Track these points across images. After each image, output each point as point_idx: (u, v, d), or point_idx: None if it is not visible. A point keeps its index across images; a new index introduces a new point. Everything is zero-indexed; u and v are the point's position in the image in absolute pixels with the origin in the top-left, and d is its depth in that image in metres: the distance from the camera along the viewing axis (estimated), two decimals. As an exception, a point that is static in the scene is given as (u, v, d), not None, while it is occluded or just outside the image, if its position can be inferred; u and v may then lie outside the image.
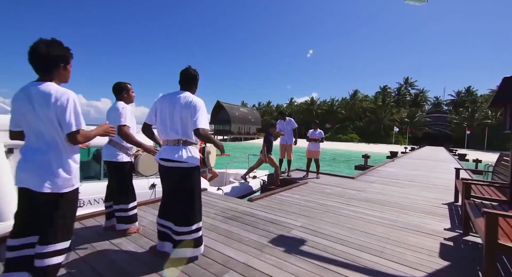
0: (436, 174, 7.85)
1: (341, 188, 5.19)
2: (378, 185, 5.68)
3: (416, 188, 5.52)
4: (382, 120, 48.55)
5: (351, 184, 5.67)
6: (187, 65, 2.10)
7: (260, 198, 4.01)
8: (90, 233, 2.48)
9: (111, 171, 2.47)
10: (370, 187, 5.35)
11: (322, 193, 4.63)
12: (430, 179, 6.79)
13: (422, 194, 4.89)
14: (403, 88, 61.98)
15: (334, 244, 2.45)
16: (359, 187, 5.30)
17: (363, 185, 5.55)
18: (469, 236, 2.80)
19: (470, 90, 58.02)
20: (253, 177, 6.51)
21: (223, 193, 5.08)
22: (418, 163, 11.18)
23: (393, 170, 8.49)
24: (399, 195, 4.74)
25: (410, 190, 5.21)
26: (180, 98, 1.96)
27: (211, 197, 4.06)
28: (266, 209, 3.49)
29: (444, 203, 4.26)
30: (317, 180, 6.01)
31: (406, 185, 5.77)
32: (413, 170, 8.62)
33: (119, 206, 2.39)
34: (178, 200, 1.98)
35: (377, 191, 5.02)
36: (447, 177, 7.26)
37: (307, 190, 4.83)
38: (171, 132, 1.96)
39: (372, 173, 7.44)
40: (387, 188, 5.39)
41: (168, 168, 1.96)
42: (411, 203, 4.16)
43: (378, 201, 4.18)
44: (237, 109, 57.88)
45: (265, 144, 5.71)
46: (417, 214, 3.57)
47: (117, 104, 2.41)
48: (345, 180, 6.09)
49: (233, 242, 2.41)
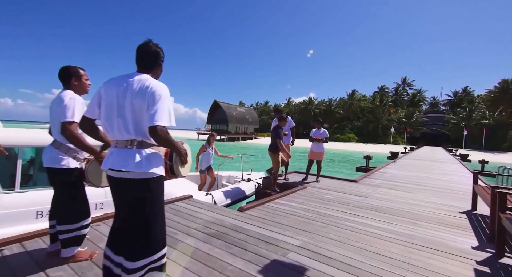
0: (442, 176, 7.39)
1: (343, 193, 4.67)
2: (383, 189, 5.17)
3: (425, 192, 5.03)
4: (380, 120, 48.31)
5: (354, 188, 5.16)
6: (147, 39, 1.55)
7: (252, 207, 3.47)
8: (25, 260, 1.91)
9: (54, 180, 1.91)
10: (376, 192, 4.85)
11: (323, 200, 4.10)
12: (437, 182, 6.30)
13: (432, 200, 4.39)
14: (400, 88, 61.90)
15: (342, 274, 1.91)
16: (363, 192, 4.78)
17: (368, 190, 5.04)
18: (504, 257, 2.29)
19: (467, 90, 58.13)
20: (247, 180, 5.97)
21: (212, 199, 4.54)
22: (420, 164, 10.73)
23: (396, 171, 8.01)
24: (409, 201, 4.23)
25: (418, 195, 4.71)
26: (133, 82, 1.41)
27: (195, 205, 3.51)
28: (258, 222, 2.95)
29: (460, 212, 3.76)
30: (317, 184, 5.49)
31: (414, 189, 5.28)
32: (416, 172, 8.15)
33: (62, 227, 1.84)
34: (132, 224, 1.43)
35: (383, 196, 4.52)
36: (454, 180, 6.80)
37: (306, 196, 4.30)
38: (119, 130, 1.41)
39: (375, 176, 6.94)
40: (393, 193, 4.88)
41: (118, 179, 1.41)
42: (424, 212, 3.65)
43: (387, 210, 3.66)
44: (234, 109, 57.25)
45: (278, 139, 5.04)
46: (435, 226, 3.06)
47: (63, 94, 1.84)
48: (347, 184, 5.57)
49: (212, 272, 1.86)
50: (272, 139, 5.12)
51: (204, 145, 5.61)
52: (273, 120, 5.90)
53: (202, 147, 5.59)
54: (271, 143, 5.13)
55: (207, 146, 5.61)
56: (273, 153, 5.05)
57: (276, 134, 5.02)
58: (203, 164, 5.58)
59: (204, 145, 5.61)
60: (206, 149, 5.58)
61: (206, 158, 5.57)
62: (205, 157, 5.56)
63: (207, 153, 5.59)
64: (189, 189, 4.77)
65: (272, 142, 5.11)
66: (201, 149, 5.58)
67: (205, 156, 5.57)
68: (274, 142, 5.07)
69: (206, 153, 5.58)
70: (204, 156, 5.56)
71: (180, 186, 4.68)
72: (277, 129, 5.03)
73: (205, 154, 5.57)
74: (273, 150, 5.06)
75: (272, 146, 5.09)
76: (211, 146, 5.69)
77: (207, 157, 5.59)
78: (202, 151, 5.57)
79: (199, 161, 5.58)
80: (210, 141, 5.68)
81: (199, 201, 3.75)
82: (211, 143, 5.69)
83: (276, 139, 5.00)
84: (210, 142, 5.68)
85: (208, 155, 5.60)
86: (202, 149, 5.57)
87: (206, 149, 5.58)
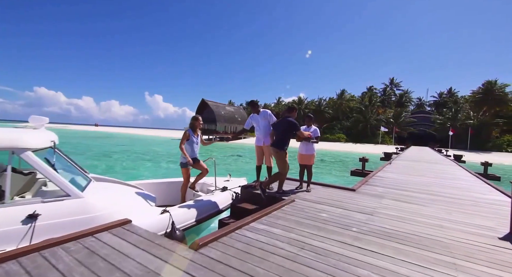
0: (447, 182, 6.53)
1: (341, 208, 3.62)
2: (389, 201, 4.17)
3: (440, 205, 4.07)
4: (369, 120, 48.36)
5: (353, 200, 4.13)
6: None
7: (212, 241, 2.33)
8: None
9: None
10: (381, 206, 3.83)
11: (317, 221, 3.02)
12: (447, 190, 5.40)
13: (455, 218, 3.42)
14: (388, 88, 62.52)
15: None
16: (366, 206, 3.75)
17: (370, 202, 4.02)
18: None
19: (451, 92, 59.43)
20: (222, 189, 4.83)
21: (169, 219, 3.37)
22: (417, 167, 9.94)
23: (395, 176, 7.10)
24: (428, 221, 3.23)
25: (436, 211, 3.74)
26: None
27: (128, 239, 2.32)
28: (217, 274, 1.81)
29: (501, 238, 2.78)
30: (308, 194, 4.43)
31: (425, 201, 4.31)
32: (418, 176, 7.28)
33: None
34: None
35: (393, 213, 3.49)
36: (463, 186, 5.93)
37: (294, 215, 3.21)
38: None
39: (374, 181, 5.97)
40: (403, 207, 3.88)
41: None
42: (457, 240, 2.64)
43: (408, 238, 2.62)
44: (223, 108, 55.78)
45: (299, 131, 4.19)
46: (485, 270, 2.04)
47: None
48: (344, 194, 4.54)
49: None
50: (280, 134, 4.10)
51: (186, 131, 4.39)
52: (250, 116, 4.81)
53: (184, 134, 4.36)
54: (278, 138, 4.10)
55: (190, 132, 4.39)
56: (280, 150, 4.01)
57: (293, 125, 4.04)
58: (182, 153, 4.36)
59: (186, 132, 4.38)
60: (189, 136, 4.37)
61: (190, 148, 4.36)
62: (188, 147, 4.36)
63: (191, 142, 4.37)
64: (138, 207, 3.58)
65: (280, 137, 4.08)
66: (184, 136, 4.35)
67: (189, 145, 4.36)
68: (283, 137, 4.05)
69: (190, 142, 4.36)
70: (187, 145, 4.35)
71: (124, 202, 3.47)
72: (292, 120, 4.06)
73: (188, 143, 4.35)
74: (281, 147, 4.02)
75: (280, 142, 4.05)
76: (196, 133, 4.47)
77: (192, 146, 4.38)
78: (185, 139, 4.34)
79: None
80: (195, 126, 4.45)
81: (137, 230, 2.56)
82: (196, 128, 4.47)
83: (290, 132, 4.04)
84: (195, 128, 4.46)
85: (192, 143, 4.39)
86: (185, 137, 4.34)
87: (190, 137, 4.37)
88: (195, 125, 4.45)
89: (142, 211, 3.37)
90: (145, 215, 3.26)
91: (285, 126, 4.10)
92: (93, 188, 3.42)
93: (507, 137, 37.13)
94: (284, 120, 4.14)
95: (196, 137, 4.46)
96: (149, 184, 5.25)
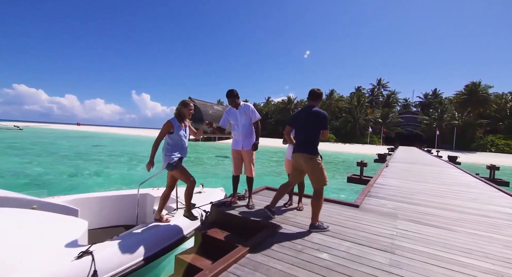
0: (456, 189, 5.66)
1: (348, 240, 2.54)
2: (406, 224, 3.14)
3: (473, 230, 3.09)
4: (358, 120, 48.36)
5: (360, 222, 3.08)
6: None
7: None
8: None
9: None
10: (400, 234, 2.79)
11: (314, 270, 1.94)
12: (465, 203, 4.48)
13: (500, 250, 2.44)
14: (376, 89, 63.05)
15: None
16: (381, 235, 2.70)
17: (384, 227, 2.98)
18: None
19: (436, 93, 60.69)
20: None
21: (90, 268, 2.19)
22: (415, 170, 9.14)
23: (397, 183, 6.18)
24: (475, 262, 2.21)
25: (473, 241, 2.74)
26: None
27: None
28: None
29: None
30: (299, 214, 3.34)
31: (450, 221, 3.32)
32: (421, 182, 6.39)
33: None
34: None
35: (423, 249, 2.44)
36: (479, 197, 5.05)
37: (280, 261, 2.10)
38: None
39: (377, 191, 4.99)
40: (428, 233, 2.86)
41: None
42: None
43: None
44: (210, 107, 54.16)
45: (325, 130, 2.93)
46: None
47: None
48: (346, 212, 3.49)
49: None
50: (308, 132, 2.84)
51: (169, 121, 3.02)
52: (227, 111, 3.67)
53: (166, 125, 2.99)
54: (305, 138, 2.85)
55: (174, 122, 3.03)
56: (313, 156, 2.78)
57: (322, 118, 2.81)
58: (168, 153, 2.98)
59: (169, 121, 3.01)
60: (173, 128, 3.00)
61: (175, 143, 3.02)
62: (173, 142, 3.02)
63: (177, 135, 3.02)
64: (38, 250, 2.34)
65: (308, 137, 2.85)
66: (165, 128, 2.98)
67: (173, 140, 3.01)
68: (313, 135, 2.84)
69: (175, 135, 3.01)
70: (170, 140, 3.01)
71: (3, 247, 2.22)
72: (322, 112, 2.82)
73: (172, 137, 3.00)
74: (314, 151, 2.80)
75: (310, 143, 2.83)
76: (183, 123, 3.13)
77: (178, 141, 3.04)
78: (165, 131, 2.99)
79: (165, 149, 3.02)
80: (182, 114, 3.10)
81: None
82: (184, 117, 3.13)
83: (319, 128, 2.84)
84: (183, 116, 3.12)
85: (179, 137, 3.04)
86: (165, 129, 2.99)
87: (174, 128, 3.01)
88: (183, 113, 3.10)
89: (43, 258, 2.15)
90: (45, 265, 2.05)
91: (313, 119, 2.81)
92: None
93: (490, 138, 37.97)
94: (311, 112, 2.83)
95: (184, 128, 3.12)
96: (93, 199, 4.01)
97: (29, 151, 19.25)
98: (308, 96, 3.00)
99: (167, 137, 3.04)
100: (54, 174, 10.91)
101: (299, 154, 2.85)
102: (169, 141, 3.04)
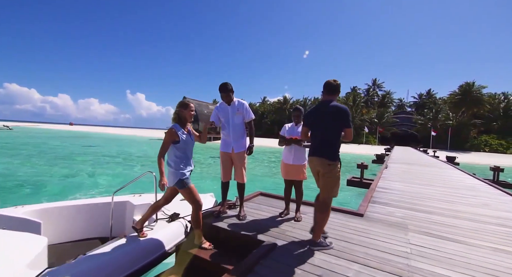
0: (464, 194, 5.33)
1: (355, 261, 2.13)
2: (420, 238, 2.75)
3: (495, 244, 2.72)
4: (354, 120, 48.37)
5: (367, 236, 2.68)
6: None
7: None
8: None
9: None
10: (415, 252, 2.39)
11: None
12: (477, 210, 4.13)
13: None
14: (371, 89, 63.21)
15: None
16: (393, 253, 2.30)
17: (394, 242, 2.58)
18: None
19: (430, 93, 61.12)
20: (169, 218, 3.22)
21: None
22: (416, 171, 8.84)
23: (401, 186, 5.82)
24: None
25: (498, 259, 2.36)
26: None
27: None
28: None
29: None
30: (297, 226, 2.93)
31: (467, 233, 2.94)
32: (425, 186, 6.05)
33: None
34: None
35: (443, 272, 2.06)
36: (489, 202, 4.72)
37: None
38: None
39: (381, 197, 4.61)
40: (445, 249, 2.47)
41: None
42: None
43: None
44: (205, 106, 53.50)
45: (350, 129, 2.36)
46: None
47: None
48: (350, 223, 3.08)
49: None
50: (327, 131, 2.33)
51: (172, 129, 2.54)
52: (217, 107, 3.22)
53: (169, 133, 2.51)
54: (324, 139, 2.35)
55: (177, 129, 2.54)
56: (332, 161, 2.29)
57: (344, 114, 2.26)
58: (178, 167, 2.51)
59: (172, 129, 2.52)
60: (177, 136, 2.51)
61: (182, 155, 2.56)
62: (180, 153, 2.55)
63: (184, 144, 2.55)
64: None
65: (327, 138, 2.33)
66: (168, 137, 2.49)
67: (180, 151, 2.55)
68: (333, 135, 2.32)
69: (182, 144, 2.54)
70: (176, 151, 2.54)
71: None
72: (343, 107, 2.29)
73: (177, 147, 2.53)
74: (333, 156, 2.30)
75: (329, 146, 2.32)
76: (186, 128, 2.63)
77: (185, 151, 2.59)
78: (170, 141, 2.50)
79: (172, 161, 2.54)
80: (184, 118, 2.61)
81: None
82: (186, 121, 2.64)
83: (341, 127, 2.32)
84: (185, 119, 2.62)
85: (186, 145, 2.59)
86: (169, 138, 2.49)
87: (178, 136, 2.51)
88: (184, 116, 2.61)
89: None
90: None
91: (333, 116, 2.29)
92: None
93: (484, 138, 38.28)
94: (329, 107, 2.32)
95: (187, 134, 2.63)
96: (61, 208, 3.52)
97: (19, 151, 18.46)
98: (324, 90, 2.46)
99: (173, 148, 2.55)
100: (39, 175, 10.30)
101: (315, 158, 2.37)
102: (176, 152, 2.55)
